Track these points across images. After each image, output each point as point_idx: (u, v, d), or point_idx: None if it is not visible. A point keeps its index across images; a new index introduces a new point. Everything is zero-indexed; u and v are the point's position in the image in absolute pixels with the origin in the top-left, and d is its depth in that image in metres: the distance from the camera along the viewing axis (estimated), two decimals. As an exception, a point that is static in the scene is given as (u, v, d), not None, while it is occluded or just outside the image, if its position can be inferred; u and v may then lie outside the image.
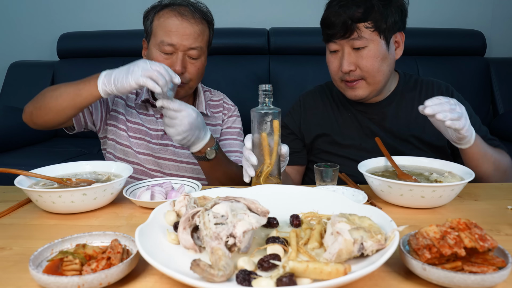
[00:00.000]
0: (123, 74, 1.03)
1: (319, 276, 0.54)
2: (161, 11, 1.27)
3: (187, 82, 1.28)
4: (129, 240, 0.67)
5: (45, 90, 1.17)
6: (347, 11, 1.12)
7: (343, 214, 0.66)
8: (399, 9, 1.17)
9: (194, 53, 1.25)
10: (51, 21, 2.99)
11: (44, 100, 1.13)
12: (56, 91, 1.11)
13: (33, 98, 1.18)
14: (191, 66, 1.26)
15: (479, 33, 2.74)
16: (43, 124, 1.16)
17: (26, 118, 1.19)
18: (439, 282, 0.57)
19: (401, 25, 1.20)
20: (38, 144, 2.47)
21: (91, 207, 0.92)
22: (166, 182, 1.03)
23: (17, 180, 0.93)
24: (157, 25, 1.26)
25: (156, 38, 1.25)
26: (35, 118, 1.15)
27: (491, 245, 0.57)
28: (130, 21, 2.93)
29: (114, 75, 1.05)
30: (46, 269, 0.61)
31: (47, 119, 1.14)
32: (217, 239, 0.60)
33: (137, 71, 1.02)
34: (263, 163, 0.95)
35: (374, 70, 1.17)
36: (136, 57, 1.23)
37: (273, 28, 2.77)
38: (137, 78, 1.01)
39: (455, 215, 0.85)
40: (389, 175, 1.01)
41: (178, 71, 1.22)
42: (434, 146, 1.26)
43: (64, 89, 1.11)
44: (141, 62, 1.04)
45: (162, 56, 1.24)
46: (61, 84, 1.14)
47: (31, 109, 1.16)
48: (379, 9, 1.13)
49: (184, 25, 1.23)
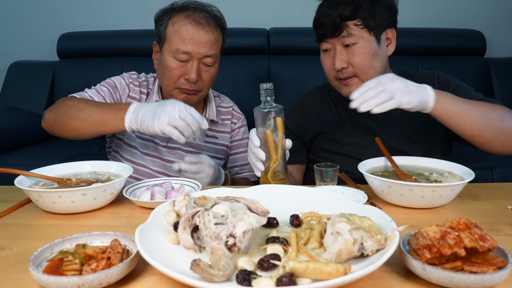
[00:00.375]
0: (150, 117, 0.98)
1: (319, 276, 0.54)
2: (175, 16, 1.25)
3: (201, 90, 1.27)
4: (129, 240, 0.67)
5: (67, 103, 1.12)
6: (336, 10, 1.16)
7: (343, 214, 0.66)
8: (388, 7, 1.19)
9: (209, 60, 1.24)
10: (51, 21, 2.99)
11: (68, 119, 1.09)
12: (80, 113, 1.07)
13: (55, 107, 1.14)
14: (206, 73, 1.26)
15: (479, 33, 2.74)
16: (63, 137, 1.15)
17: (45, 127, 1.17)
18: (439, 282, 0.57)
19: (391, 22, 1.21)
20: (38, 144, 2.47)
21: (91, 207, 0.92)
22: (166, 182, 1.03)
23: (17, 180, 0.93)
24: (172, 32, 1.23)
25: (171, 46, 1.23)
26: (56, 131, 1.14)
27: (491, 245, 0.57)
28: (130, 21, 2.93)
29: (141, 115, 1.00)
30: (46, 269, 0.61)
31: (68, 136, 1.13)
32: (217, 239, 0.60)
33: (163, 118, 0.96)
34: (269, 159, 0.97)
35: (366, 66, 1.18)
36: (136, 57, 1.23)
37: (273, 28, 2.77)
38: (163, 126, 0.96)
39: (455, 215, 0.85)
40: (389, 175, 1.01)
41: (193, 79, 1.22)
42: (430, 136, 1.26)
43: (89, 114, 1.06)
44: (169, 105, 0.98)
45: (177, 63, 1.23)
46: (85, 103, 1.10)
47: (52, 120, 1.13)
48: (367, 6, 1.15)
49: (200, 34, 1.21)
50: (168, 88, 1.27)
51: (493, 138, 1.03)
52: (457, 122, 1.01)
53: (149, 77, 1.41)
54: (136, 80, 1.36)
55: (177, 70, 1.23)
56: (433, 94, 0.98)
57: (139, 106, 1.02)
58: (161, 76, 1.28)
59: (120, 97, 1.31)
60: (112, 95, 1.29)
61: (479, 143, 1.04)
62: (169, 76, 1.24)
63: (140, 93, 1.35)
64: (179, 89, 1.25)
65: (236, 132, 1.46)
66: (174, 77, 1.24)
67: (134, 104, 1.04)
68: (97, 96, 1.23)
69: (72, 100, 1.13)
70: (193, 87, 1.24)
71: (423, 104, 0.98)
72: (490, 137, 1.03)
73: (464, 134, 1.02)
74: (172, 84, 1.25)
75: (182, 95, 1.26)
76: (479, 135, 1.02)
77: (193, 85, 1.24)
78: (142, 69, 1.53)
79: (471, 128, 1.01)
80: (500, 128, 1.02)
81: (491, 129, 1.02)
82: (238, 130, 1.46)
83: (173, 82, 1.25)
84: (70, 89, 2.66)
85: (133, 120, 1.02)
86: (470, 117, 1.00)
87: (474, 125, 1.01)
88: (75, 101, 1.12)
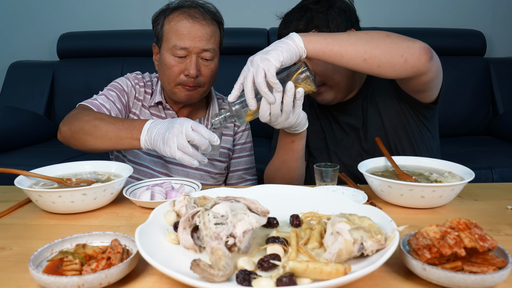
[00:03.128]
0: (160, 141, 0.97)
1: (319, 276, 0.54)
2: (170, 15, 1.25)
3: (202, 86, 1.27)
4: (129, 240, 0.67)
5: (83, 118, 1.11)
6: (291, 26, 1.19)
7: (343, 214, 0.66)
8: (341, 10, 1.19)
9: (208, 55, 1.24)
10: (51, 21, 2.99)
11: (83, 136, 1.09)
12: (96, 130, 1.07)
13: (70, 121, 1.14)
14: (205, 68, 1.25)
15: (479, 33, 2.74)
16: (80, 150, 1.16)
17: (62, 140, 1.17)
18: (439, 282, 0.57)
19: (348, 24, 1.20)
20: (38, 144, 2.47)
21: (91, 207, 0.92)
22: (166, 182, 1.03)
23: (17, 180, 0.93)
24: (168, 30, 1.24)
25: (168, 43, 1.23)
26: (72, 145, 1.15)
27: (491, 245, 0.57)
28: (130, 21, 2.93)
29: (153, 137, 0.99)
30: (46, 269, 0.61)
31: (85, 150, 1.13)
32: (217, 239, 0.60)
33: (172, 144, 0.94)
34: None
35: (329, 72, 1.18)
36: (136, 57, 1.23)
37: (273, 28, 2.77)
38: (174, 153, 0.95)
39: (455, 215, 0.85)
40: (389, 175, 1.01)
41: (192, 75, 1.21)
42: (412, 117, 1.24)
43: (105, 132, 1.06)
44: (177, 128, 0.95)
45: (175, 60, 1.23)
46: (100, 119, 1.09)
47: (69, 135, 1.13)
48: (318, 16, 1.17)
49: (196, 27, 1.22)
50: (169, 86, 1.27)
51: (387, 55, 0.95)
52: (340, 50, 0.94)
53: (153, 77, 1.42)
54: (141, 80, 1.36)
55: (177, 66, 1.23)
56: (298, 36, 0.93)
57: (152, 125, 1.02)
58: (162, 75, 1.29)
59: (127, 99, 1.31)
60: (121, 98, 1.29)
61: (376, 66, 0.95)
62: (169, 74, 1.24)
63: (145, 93, 1.36)
64: (180, 85, 1.25)
65: (240, 136, 1.45)
66: (174, 74, 1.24)
67: (147, 123, 1.03)
68: (108, 103, 1.24)
69: (87, 115, 1.12)
70: (193, 82, 1.24)
71: (294, 50, 0.91)
72: (384, 55, 0.94)
73: (355, 62, 0.94)
74: (173, 81, 1.25)
75: (184, 92, 1.26)
76: (371, 56, 0.94)
77: (194, 80, 1.24)
78: (142, 69, 1.53)
79: (357, 52, 0.94)
80: (389, 42, 0.95)
81: (379, 46, 0.94)
82: (242, 133, 1.46)
83: (173, 79, 1.25)
84: (70, 89, 2.71)
85: (147, 140, 1.02)
86: (351, 43, 0.94)
87: (359, 48, 0.94)
88: (90, 116, 1.11)
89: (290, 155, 1.14)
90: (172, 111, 1.35)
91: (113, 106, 1.25)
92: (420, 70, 0.99)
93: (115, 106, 1.26)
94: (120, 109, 1.27)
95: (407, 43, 0.97)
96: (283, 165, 1.17)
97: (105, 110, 1.22)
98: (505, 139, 2.49)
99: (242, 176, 1.45)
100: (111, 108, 1.24)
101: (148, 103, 1.35)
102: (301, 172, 1.19)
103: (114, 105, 1.25)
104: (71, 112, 1.18)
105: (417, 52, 0.97)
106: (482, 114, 2.68)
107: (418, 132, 1.25)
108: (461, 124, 2.67)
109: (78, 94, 2.61)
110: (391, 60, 0.95)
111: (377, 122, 1.26)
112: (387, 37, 0.97)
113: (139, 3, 2.95)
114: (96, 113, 1.14)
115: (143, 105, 1.35)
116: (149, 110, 1.35)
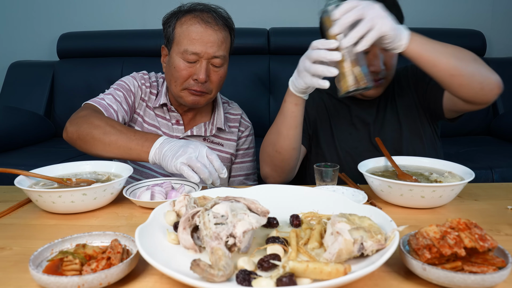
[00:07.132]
0: (171, 155, 0.98)
1: (319, 276, 0.54)
2: (183, 17, 1.24)
3: (209, 92, 1.27)
4: (129, 240, 0.67)
5: (93, 122, 1.10)
6: None
7: (343, 214, 0.66)
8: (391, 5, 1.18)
9: (218, 61, 1.23)
10: (51, 21, 2.99)
11: (92, 140, 1.08)
12: (106, 137, 1.07)
13: (78, 121, 1.13)
14: (214, 74, 1.25)
15: (479, 33, 2.74)
16: (85, 152, 1.15)
17: (67, 140, 1.16)
18: (439, 282, 0.57)
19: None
20: (38, 144, 2.47)
21: (91, 207, 0.92)
22: (166, 182, 1.03)
23: (17, 180, 0.93)
24: (180, 33, 1.23)
25: (179, 47, 1.22)
26: (78, 147, 1.14)
27: (491, 245, 0.57)
28: (130, 21, 2.93)
29: (164, 151, 1.00)
30: (46, 269, 0.61)
31: (90, 153, 1.12)
32: (217, 239, 0.60)
33: (181, 157, 0.96)
34: None
35: (393, 68, 1.22)
36: (136, 57, 1.23)
37: (273, 28, 2.77)
38: (179, 165, 0.95)
39: (455, 215, 0.85)
40: (389, 175, 1.01)
41: (201, 80, 1.21)
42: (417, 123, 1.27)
43: (115, 140, 1.06)
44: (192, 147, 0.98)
45: (185, 64, 1.22)
46: (111, 126, 1.09)
47: (75, 136, 1.12)
48: None
49: (208, 33, 1.21)
50: (176, 89, 1.26)
51: (471, 78, 0.97)
52: (434, 60, 0.96)
53: (159, 77, 1.41)
54: (147, 81, 1.35)
55: (186, 70, 1.22)
56: (407, 32, 0.94)
57: (166, 141, 1.02)
58: (169, 78, 1.27)
59: (133, 100, 1.31)
60: (127, 99, 1.29)
61: (457, 84, 0.98)
62: (177, 77, 1.23)
63: (150, 94, 1.35)
64: (187, 90, 1.24)
65: (243, 141, 1.44)
66: (183, 77, 1.23)
67: (161, 138, 1.03)
68: (115, 104, 1.24)
69: (98, 120, 1.10)
70: (201, 87, 1.23)
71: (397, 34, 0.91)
72: (468, 77, 0.97)
73: (442, 75, 0.96)
74: (180, 84, 1.24)
75: (191, 96, 1.25)
76: (458, 74, 0.97)
77: (202, 85, 1.23)
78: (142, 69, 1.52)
79: (448, 66, 0.96)
80: (476, 67, 0.98)
81: (468, 67, 0.97)
82: (246, 139, 1.45)
83: (181, 83, 1.24)
84: (70, 89, 2.71)
85: (157, 154, 1.02)
86: (445, 56, 0.96)
87: (450, 63, 0.96)
88: (102, 121, 1.10)
89: (287, 121, 1.12)
90: (176, 113, 1.34)
91: (120, 108, 1.25)
92: (486, 101, 1.03)
93: (121, 107, 1.25)
94: (126, 110, 1.27)
95: (487, 72, 1.00)
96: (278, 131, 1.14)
97: (112, 111, 1.21)
98: (505, 139, 2.49)
99: (243, 181, 1.45)
100: (118, 109, 1.23)
101: (153, 104, 1.34)
102: (293, 146, 1.14)
103: (121, 106, 1.25)
104: (80, 112, 1.17)
105: (492, 85, 1.00)
106: (482, 114, 2.68)
107: (432, 140, 1.28)
108: (461, 124, 2.67)
109: (78, 94, 2.61)
110: (471, 84, 0.98)
111: (394, 123, 1.27)
112: (474, 61, 0.99)
113: (139, 3, 2.95)
114: (107, 118, 1.13)
115: (147, 106, 1.35)
116: (154, 111, 1.34)
